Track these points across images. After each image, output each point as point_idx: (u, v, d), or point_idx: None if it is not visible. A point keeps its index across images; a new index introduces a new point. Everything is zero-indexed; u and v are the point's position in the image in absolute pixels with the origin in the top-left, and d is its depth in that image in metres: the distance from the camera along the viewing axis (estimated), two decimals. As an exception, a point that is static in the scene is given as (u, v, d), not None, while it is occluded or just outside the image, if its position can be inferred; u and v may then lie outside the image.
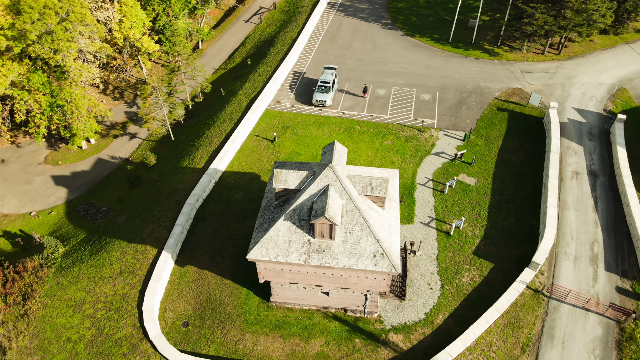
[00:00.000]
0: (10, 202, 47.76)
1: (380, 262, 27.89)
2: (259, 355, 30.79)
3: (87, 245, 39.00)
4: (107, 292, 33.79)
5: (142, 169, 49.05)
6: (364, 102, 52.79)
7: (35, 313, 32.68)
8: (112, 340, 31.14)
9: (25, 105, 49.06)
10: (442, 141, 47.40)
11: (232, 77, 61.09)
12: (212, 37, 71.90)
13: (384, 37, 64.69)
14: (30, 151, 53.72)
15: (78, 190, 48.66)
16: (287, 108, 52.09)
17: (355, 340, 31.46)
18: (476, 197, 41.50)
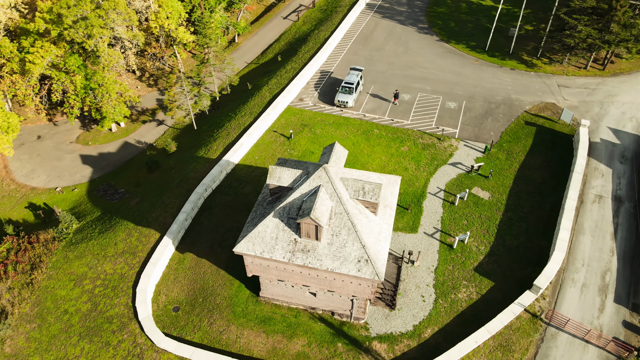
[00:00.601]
0: (39, 176, 50.53)
1: (364, 269, 27.46)
2: (241, 347, 31.09)
3: (98, 223, 40.68)
4: (107, 270, 35.13)
5: (162, 155, 50.61)
6: (387, 106, 52.06)
7: (39, 283, 34.45)
8: (105, 317, 32.36)
9: (62, 86, 51.78)
10: (461, 152, 46.01)
11: (261, 72, 61.85)
12: (249, 32, 73.07)
13: (418, 42, 63.50)
14: (65, 130, 56.59)
15: (102, 171, 50.82)
16: (309, 106, 52.18)
17: (338, 345, 31.16)
18: (487, 212, 40.03)
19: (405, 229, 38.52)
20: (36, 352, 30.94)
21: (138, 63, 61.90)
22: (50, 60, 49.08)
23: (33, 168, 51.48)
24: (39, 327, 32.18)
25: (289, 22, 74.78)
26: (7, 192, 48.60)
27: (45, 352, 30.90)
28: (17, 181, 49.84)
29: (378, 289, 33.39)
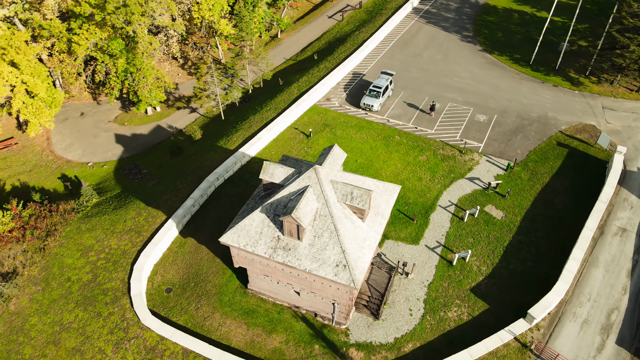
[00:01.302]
0: (76, 150, 53.82)
1: (341, 274, 27.23)
2: (221, 335, 31.76)
3: (115, 200, 42.82)
4: (112, 245, 36.95)
5: (188, 141, 52.40)
6: (413, 113, 51.03)
7: (51, 249, 36.82)
8: (101, 289, 34.10)
9: (105, 68, 54.82)
10: (481, 167, 44.35)
11: (296, 69, 62.43)
12: (292, 29, 73.89)
13: (459, 50, 61.68)
14: (106, 109, 59.87)
15: (131, 151, 53.36)
16: (335, 107, 52.13)
17: (315, 346, 31.10)
18: (497, 233, 38.37)
19: (407, 240, 37.71)
20: (36, 313, 33.14)
21: (181, 51, 64.25)
22: (95, 43, 52.07)
23: (71, 142, 54.90)
24: (43, 290, 34.42)
25: (334, 21, 74.89)
26: (45, 162, 52.15)
27: (43, 315, 33.03)
28: (55, 153, 53.37)
29: (364, 297, 32.97)
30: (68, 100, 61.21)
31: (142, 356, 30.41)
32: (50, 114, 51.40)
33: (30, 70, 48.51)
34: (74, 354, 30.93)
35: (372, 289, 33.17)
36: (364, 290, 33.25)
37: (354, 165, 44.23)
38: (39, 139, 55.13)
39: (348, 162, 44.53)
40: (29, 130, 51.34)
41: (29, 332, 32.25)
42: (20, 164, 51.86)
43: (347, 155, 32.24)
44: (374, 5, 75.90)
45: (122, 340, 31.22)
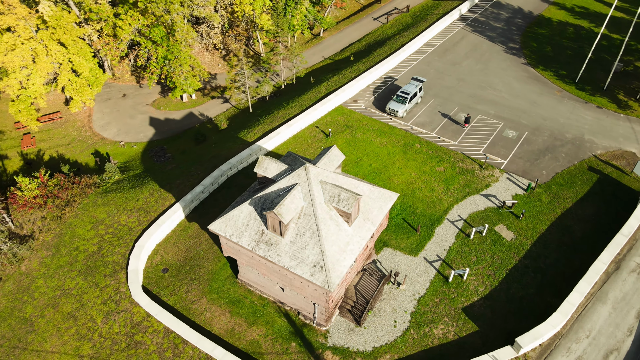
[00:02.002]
0: (112, 129, 56.81)
1: (317, 275, 27.15)
2: (204, 320, 32.55)
3: (134, 179, 44.85)
4: (121, 221, 38.77)
5: (214, 130, 53.91)
6: (439, 121, 49.73)
7: (66, 218, 39.18)
8: (103, 261, 35.90)
9: (147, 53, 57.42)
10: (500, 184, 42.54)
11: (331, 69, 62.51)
12: (336, 28, 73.97)
13: (501, 62, 59.35)
14: (146, 93, 62.69)
15: (161, 134, 55.60)
16: (360, 109, 51.78)
17: (292, 344, 31.19)
18: (503, 254, 36.72)
19: (406, 250, 36.89)
20: (42, 277, 35.43)
21: (222, 42, 66.06)
22: (138, 29, 54.65)
23: (109, 121, 57.99)
24: (52, 255, 36.73)
25: (378, 24, 74.24)
26: (82, 137, 55.44)
27: (48, 278, 35.26)
28: (93, 129, 56.60)
29: (350, 302, 32.63)
30: (114, 81, 64.64)
31: (127, 330, 31.77)
32: (92, 93, 54.53)
33: (76, 49, 51.68)
34: (68, 318, 32.80)
35: (358, 295, 32.77)
36: (351, 295, 32.92)
37: (368, 170, 43.78)
38: (81, 115, 58.66)
39: (362, 166, 44.15)
40: (71, 106, 54.76)
41: (33, 292, 34.55)
42: (61, 137, 55.43)
43: (345, 157, 32.04)
44: (422, 9, 74.51)
45: (112, 312, 32.75)
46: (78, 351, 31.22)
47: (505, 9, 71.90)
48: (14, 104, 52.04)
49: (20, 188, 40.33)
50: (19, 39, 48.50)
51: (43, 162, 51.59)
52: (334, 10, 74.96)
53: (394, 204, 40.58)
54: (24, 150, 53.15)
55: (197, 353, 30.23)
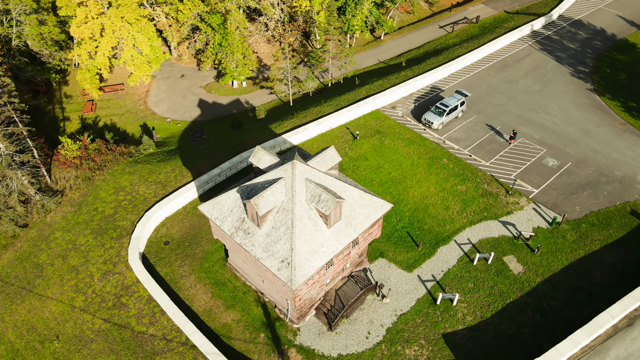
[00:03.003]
0: (163, 105, 60.44)
1: (283, 270, 27.24)
2: (187, 296, 33.87)
3: (165, 154, 47.47)
4: (140, 191, 41.30)
5: (252, 119, 55.46)
6: (475, 139, 47.34)
7: (95, 181, 42.47)
8: (114, 224, 38.52)
9: (206, 38, 60.29)
10: (523, 214, 39.74)
11: (381, 73, 61.66)
12: (398, 33, 72.72)
13: (563, 85, 55.09)
14: (202, 76, 65.86)
15: (205, 116, 58.20)
16: (396, 116, 50.68)
17: (261, 335, 31.55)
18: (504, 287, 34.38)
19: (402, 264, 35.74)
20: (61, 230, 38.77)
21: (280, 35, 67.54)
22: (199, 14, 57.54)
23: (163, 98, 61.71)
24: (74, 212, 40.03)
25: (443, 32, 71.88)
26: (136, 110, 59.55)
27: (66, 232, 38.52)
28: (147, 104, 60.58)
29: (327, 305, 32.31)
30: (177, 62, 68.58)
31: (117, 291, 33.93)
32: (149, 70, 58.35)
33: (139, 28, 55.53)
34: (72, 270, 35.67)
35: (337, 300, 32.35)
36: (330, 298, 32.59)
37: (386, 177, 42.86)
38: (140, 89, 62.98)
39: (381, 173, 43.30)
40: (130, 80, 59.03)
41: (50, 242, 37.95)
42: (118, 107, 59.94)
43: (341, 159, 31.61)
44: (493, 22, 71.00)
45: (109, 272, 35.13)
46: (72, 302, 33.88)
47: (584, 29, 66.44)
48: (82, 72, 57.10)
49: (63, 147, 44.27)
50: (91, 13, 53.07)
51: (97, 128, 56.17)
52: (400, 14, 73.63)
53: (402, 216, 39.48)
54: (83, 115, 58.18)
55: (170, 324, 31.59)
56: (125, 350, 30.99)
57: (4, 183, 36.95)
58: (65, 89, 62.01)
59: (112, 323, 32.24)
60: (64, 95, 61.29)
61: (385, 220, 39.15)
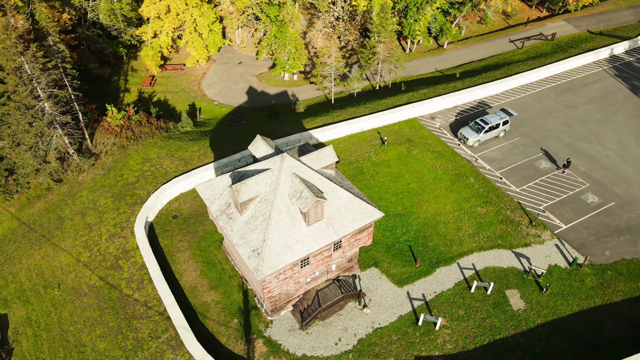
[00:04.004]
0: (215, 89, 62.90)
1: (252, 259, 27.40)
2: (178, 270, 35.17)
3: (199, 134, 49.43)
4: (163, 164, 43.41)
5: (291, 112, 56.07)
6: (512, 161, 44.30)
7: (128, 150, 45.29)
8: (132, 192, 40.85)
9: (264, 28, 61.82)
10: (542, 249, 36.65)
11: (431, 81, 59.52)
12: (464, 43, 69.71)
13: (629, 117, 49.81)
14: (258, 65, 67.59)
15: (250, 104, 59.74)
16: (432, 127, 48.77)
17: (235, 320, 31.99)
18: (498, 321, 31.99)
19: (394, 278, 34.49)
20: (88, 189, 41.83)
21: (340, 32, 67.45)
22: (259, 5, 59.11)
23: (217, 81, 64.23)
24: (102, 175, 43.02)
25: (512, 47, 67.73)
26: (189, 90, 62.55)
27: (91, 192, 41.52)
28: (200, 85, 63.41)
29: (305, 304, 32.01)
30: (239, 49, 71.00)
31: (117, 253, 36.06)
32: (205, 53, 61.01)
33: (201, 12, 58.17)
34: (86, 227, 38.43)
35: (315, 300, 31.95)
36: (309, 297, 32.28)
37: (403, 187, 41.48)
38: (198, 71, 66.02)
39: (399, 182, 41.99)
40: (187, 61, 62.13)
41: (75, 199, 41.14)
42: (174, 85, 63.32)
43: (337, 160, 31.07)
44: (570, 41, 65.68)
45: (115, 235, 37.41)
46: (79, 256, 36.56)
47: (675, 60, 59.43)
48: (146, 49, 61.03)
49: (108, 115, 47.67)
50: (158, -6, 56.48)
51: (151, 102, 59.76)
52: (470, 24, 70.42)
53: (408, 229, 38.06)
54: (142, 88, 62.15)
55: (153, 293, 33.03)
56: (110, 309, 32.89)
57: (45, 139, 40.60)
58: (133, 63, 66.56)
59: (105, 282, 34.36)
60: (130, 69, 65.83)
61: (389, 230, 37.95)
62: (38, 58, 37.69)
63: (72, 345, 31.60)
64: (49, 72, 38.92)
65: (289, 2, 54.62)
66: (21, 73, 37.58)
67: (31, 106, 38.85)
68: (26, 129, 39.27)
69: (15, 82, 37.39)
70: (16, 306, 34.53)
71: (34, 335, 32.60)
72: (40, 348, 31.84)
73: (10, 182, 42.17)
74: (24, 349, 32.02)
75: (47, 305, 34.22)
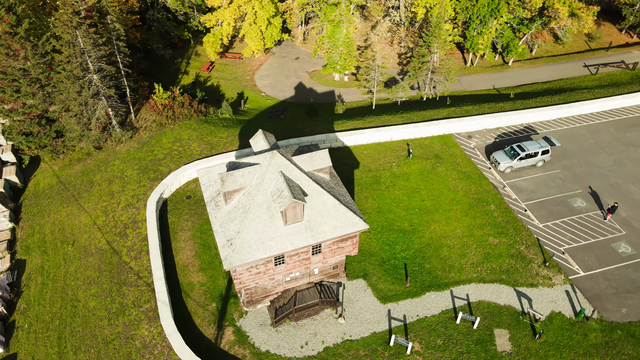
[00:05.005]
0: (266, 80, 64.57)
1: (225, 249, 28.11)
2: (176, 247, 36.84)
3: (234, 122, 51.11)
4: (191, 146, 45.50)
5: (330, 112, 56.13)
6: (543, 193, 41.18)
7: (164, 127, 47.97)
8: (156, 167, 43.24)
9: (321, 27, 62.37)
10: (549, 292, 33.87)
11: (481, 99, 56.62)
12: (532, 62, 65.48)
13: (696, 165, 44.16)
14: (313, 62, 68.31)
15: (296, 99, 60.62)
16: (466, 146, 46.58)
17: (213, 304, 32.98)
18: (476, 358, 30.11)
19: (378, 293, 33.64)
20: (120, 160, 44.95)
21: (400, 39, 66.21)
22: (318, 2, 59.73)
23: (269, 74, 65.90)
24: (135, 149, 45.99)
25: (586, 72, 62.45)
26: (242, 79, 64.79)
27: (122, 163, 44.60)
28: (253, 76, 65.41)
29: (282, 301, 32.23)
30: (300, 45, 72.26)
31: (127, 222, 38.55)
32: (261, 45, 62.83)
33: (260, 5, 59.94)
34: (109, 194, 41.46)
35: (292, 300, 32.08)
36: (287, 296, 32.47)
37: (415, 203, 40.17)
38: (255, 62, 68.14)
39: (413, 196, 40.71)
40: (244, 51, 64.36)
41: (107, 167, 44.47)
42: (229, 73, 65.93)
43: (330, 164, 30.76)
44: (653, 73, 59.32)
45: (131, 205, 40.00)
46: (96, 219, 39.59)
47: None
48: (208, 36, 64.09)
49: (155, 94, 50.84)
50: (223, -14, 59.02)
51: (204, 85, 62.73)
52: (542, 43, 65.84)
53: (409, 246, 36.88)
54: (200, 72, 65.40)
55: (147, 265, 34.98)
56: (107, 272, 35.34)
57: (89, 109, 44.27)
58: (198, 48, 70.17)
59: (110, 246, 36.94)
60: (194, 53, 69.49)
61: (388, 244, 36.99)
62: (90, 34, 41.10)
63: (69, 298, 34.41)
64: (99, 48, 42.29)
65: (344, 3, 54.60)
66: (74, 46, 41.22)
67: (80, 77, 42.46)
68: (74, 97, 43.02)
69: (69, 53, 41.09)
70: (35, 254, 38.18)
71: (42, 283, 35.90)
72: (43, 295, 35.04)
73: (59, 143, 46.46)
74: (31, 294, 35.40)
75: (59, 258, 37.49)
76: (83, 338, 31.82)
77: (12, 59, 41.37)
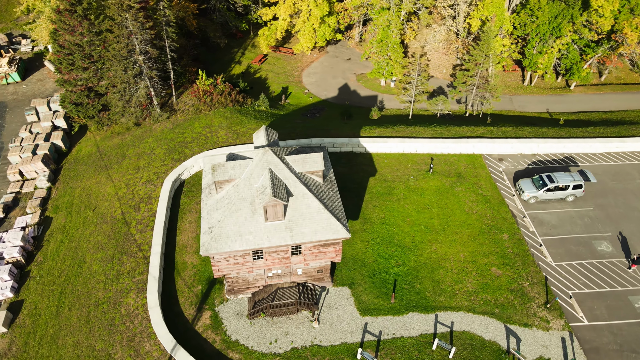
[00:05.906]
0: (312, 78, 65.17)
1: (205, 235, 29.15)
2: (180, 227, 38.42)
3: (266, 114, 52.26)
4: (218, 133, 47.20)
5: (365, 116, 55.67)
6: (563, 231, 38.34)
7: (199, 113, 50.16)
8: (182, 149, 45.33)
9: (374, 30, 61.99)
10: (542, 336, 31.65)
11: (526, 121, 53.34)
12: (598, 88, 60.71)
13: None
14: (363, 65, 67.86)
15: (337, 100, 60.68)
16: (494, 169, 44.35)
17: (199, 286, 34.20)
18: (443, 390, 28.96)
19: (360, 305, 33.22)
20: (154, 138, 47.66)
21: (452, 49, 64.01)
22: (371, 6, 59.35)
23: (317, 72, 66.45)
24: (169, 130, 48.54)
25: (655, 106, 56.76)
26: (290, 74, 65.90)
27: (154, 141, 47.24)
28: (300, 72, 66.28)
29: (262, 295, 32.84)
30: (355, 46, 72.15)
31: (142, 197, 40.96)
32: (311, 43, 63.54)
33: (315, 4, 60.57)
34: (135, 169, 44.21)
35: (271, 296, 32.59)
36: (268, 290, 33.03)
37: (423, 221, 39.02)
38: (306, 58, 69.00)
39: (422, 213, 39.59)
40: (295, 47, 65.42)
41: (141, 143, 47.39)
42: (279, 67, 67.32)
43: (324, 169, 30.71)
44: None
45: (150, 182, 42.42)
46: (118, 190, 42.49)
47: None
48: (264, 29, 65.93)
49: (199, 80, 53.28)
50: (281, -17, 60.35)
51: (253, 77, 64.64)
52: (612, 69, 60.63)
53: (404, 263, 36.00)
54: (251, 64, 67.45)
55: (150, 239, 37.03)
56: (114, 240, 37.90)
57: (131, 88, 47.40)
58: (255, 40, 72.32)
59: (123, 217, 39.53)
60: (251, 44, 71.73)
61: (383, 257, 36.31)
62: (139, 17, 43.95)
63: (78, 258, 37.37)
64: (146, 31, 45.10)
65: (394, 9, 53.79)
66: (125, 27, 44.28)
67: (126, 57, 45.57)
68: (120, 75, 46.28)
69: (118, 33, 44.24)
70: (61, 214, 41.77)
71: (60, 241, 39.25)
72: (58, 252, 38.31)
73: (104, 116, 50.21)
74: (49, 249, 38.85)
75: (80, 221, 40.73)
76: (79, 297, 34.47)
77: (70, 34, 45.27)
